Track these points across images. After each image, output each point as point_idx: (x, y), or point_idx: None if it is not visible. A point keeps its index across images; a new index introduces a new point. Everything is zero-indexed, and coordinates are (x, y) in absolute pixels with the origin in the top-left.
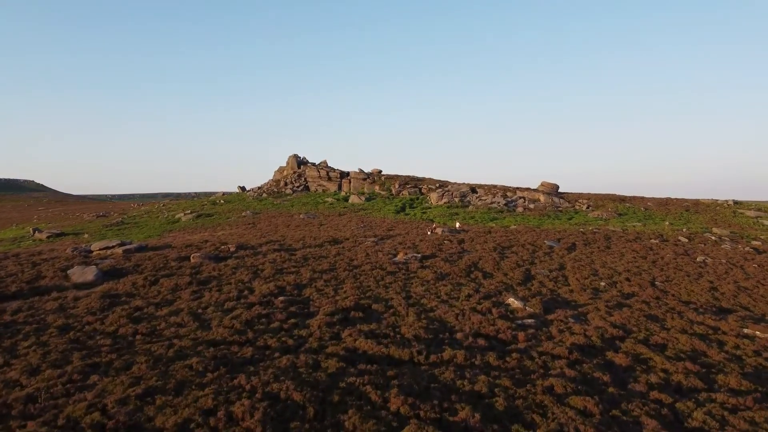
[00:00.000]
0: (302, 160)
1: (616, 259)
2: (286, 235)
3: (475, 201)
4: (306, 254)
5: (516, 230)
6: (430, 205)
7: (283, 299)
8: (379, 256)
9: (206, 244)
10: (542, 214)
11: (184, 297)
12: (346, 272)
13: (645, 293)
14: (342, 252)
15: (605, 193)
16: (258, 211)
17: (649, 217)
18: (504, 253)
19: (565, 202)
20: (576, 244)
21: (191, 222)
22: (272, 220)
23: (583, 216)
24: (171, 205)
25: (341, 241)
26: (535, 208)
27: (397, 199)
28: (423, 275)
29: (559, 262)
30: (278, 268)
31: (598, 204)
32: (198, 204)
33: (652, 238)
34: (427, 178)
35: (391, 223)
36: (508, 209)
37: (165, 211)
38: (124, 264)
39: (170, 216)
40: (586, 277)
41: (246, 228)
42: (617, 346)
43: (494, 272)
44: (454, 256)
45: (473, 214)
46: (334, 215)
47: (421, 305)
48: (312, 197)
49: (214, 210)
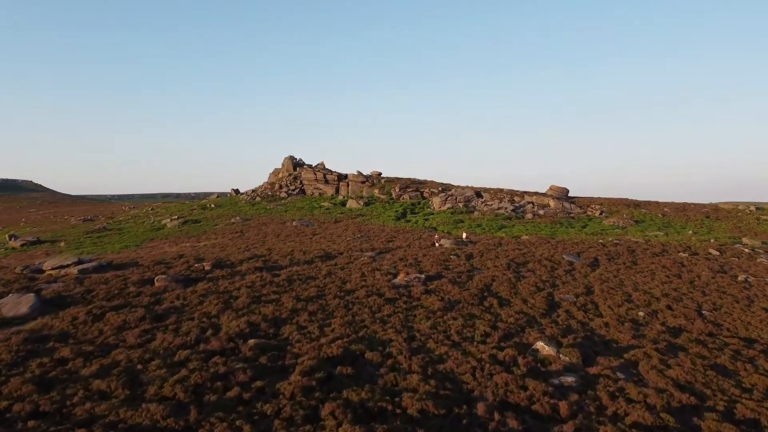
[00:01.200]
0: (298, 161)
1: (647, 279)
2: (273, 247)
3: (481, 206)
4: (292, 274)
5: (529, 242)
6: (432, 211)
7: (255, 343)
8: (377, 277)
9: (179, 260)
10: (554, 222)
11: (129, 340)
12: (337, 300)
13: (694, 327)
14: (334, 271)
15: (617, 198)
16: (249, 218)
17: (669, 224)
18: (519, 271)
19: (577, 208)
20: (599, 260)
21: (176, 229)
22: (262, 227)
23: (598, 223)
24: (160, 209)
25: (334, 256)
26: (545, 214)
27: (397, 203)
28: (428, 303)
29: (584, 284)
30: (256, 295)
31: (612, 210)
32: (187, 208)
33: (680, 250)
34: (428, 180)
35: (391, 232)
36: (516, 216)
37: (152, 216)
38: (74, 289)
39: (156, 222)
40: (620, 305)
41: (232, 237)
42: (695, 425)
43: (511, 298)
44: (463, 276)
45: (479, 222)
46: (329, 222)
47: (427, 351)
48: (307, 201)
49: (203, 215)
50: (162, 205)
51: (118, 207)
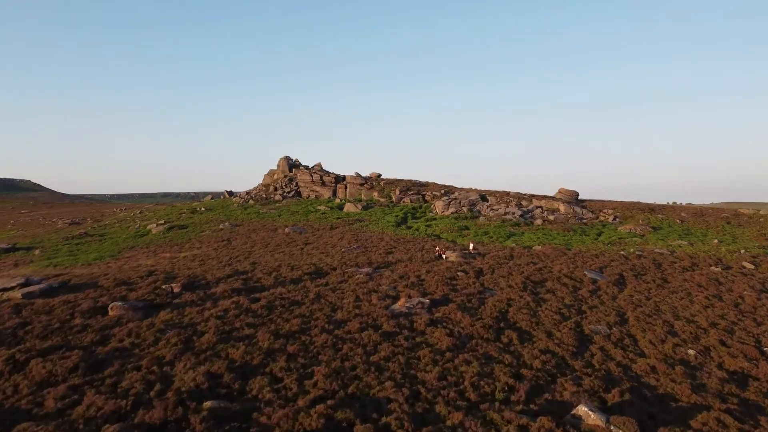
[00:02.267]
0: (294, 162)
1: (686, 302)
2: (259, 260)
3: (486, 211)
4: (274, 298)
5: (543, 254)
6: (435, 216)
7: (211, 408)
8: (373, 301)
9: (147, 279)
10: (565, 228)
11: (47, 405)
12: (324, 335)
13: (761, 372)
14: (324, 293)
15: (629, 201)
16: (239, 223)
17: (689, 232)
18: (538, 292)
19: (589, 213)
20: (624, 276)
21: (160, 236)
22: (251, 235)
23: (614, 230)
24: (149, 212)
25: (326, 272)
26: (555, 220)
27: (397, 207)
28: (434, 340)
29: (614, 309)
30: (226, 330)
31: (626, 215)
32: (176, 212)
33: (711, 263)
34: (430, 183)
35: (391, 242)
36: (525, 222)
37: (138, 221)
38: (7, 321)
39: (142, 227)
40: (663, 339)
41: (217, 246)
42: None
43: (533, 330)
44: (474, 300)
45: (486, 229)
46: (324, 229)
47: (436, 420)
48: (303, 205)
49: (191, 220)
50: (153, 207)
51: (110, 208)
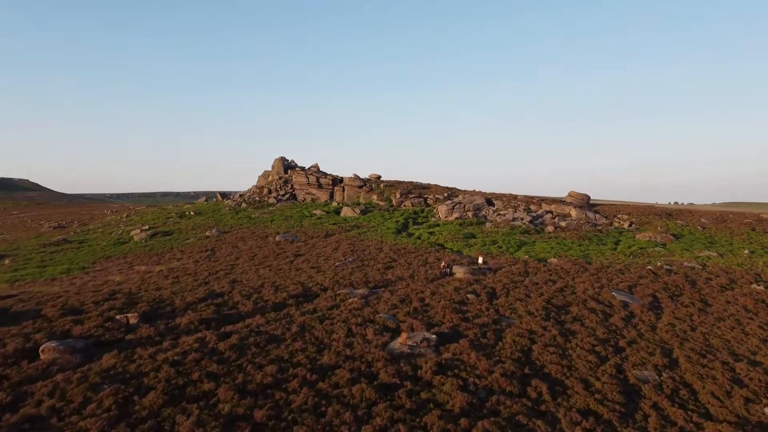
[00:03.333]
0: (290, 163)
1: (738, 333)
2: (240, 278)
3: (493, 216)
4: (249, 332)
5: (561, 268)
6: (438, 221)
7: None
8: (369, 337)
9: (103, 305)
10: (580, 236)
11: None
12: (305, 391)
13: None
14: (310, 325)
15: (644, 204)
16: (227, 229)
17: (714, 240)
18: (563, 321)
19: (602, 218)
20: (659, 298)
21: (141, 244)
22: (238, 244)
23: (632, 238)
24: (136, 216)
25: (315, 294)
26: (567, 226)
27: (398, 212)
28: (444, 397)
29: (658, 344)
30: (180, 384)
31: (642, 221)
32: (164, 216)
33: (750, 280)
34: (432, 185)
35: (390, 253)
36: (535, 229)
37: (123, 226)
38: None
39: (125, 232)
40: (728, 391)
41: (199, 258)
42: None
43: (566, 378)
44: (489, 333)
45: (494, 237)
46: (319, 236)
47: None
48: (298, 209)
49: (177, 226)
50: (143, 210)
51: (102, 210)
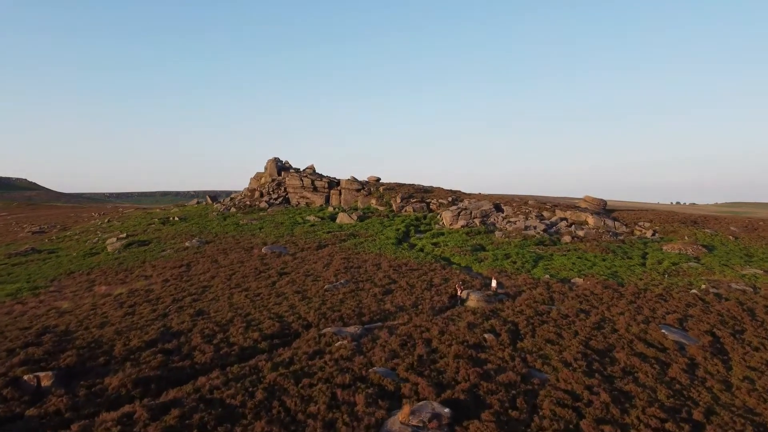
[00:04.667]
0: (284, 165)
1: None
2: (208, 307)
3: (503, 224)
4: (194, 407)
5: (591, 292)
6: (442, 228)
7: None
8: (358, 409)
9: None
10: (602, 248)
11: None
12: None
13: None
14: (281, 387)
15: (663, 210)
16: (210, 239)
17: (750, 253)
18: (611, 377)
19: (622, 226)
20: (719, 337)
21: (113, 255)
22: (218, 258)
23: (659, 250)
24: (116, 222)
25: (295, 334)
26: (585, 236)
27: (398, 218)
28: None
29: (747, 417)
30: None
31: (667, 229)
32: (145, 222)
33: None
34: (435, 188)
35: (390, 270)
36: (550, 239)
37: (100, 233)
38: None
39: (101, 240)
40: None
41: (169, 276)
42: None
43: None
44: (519, 401)
45: (506, 248)
46: (310, 248)
47: None
48: (290, 214)
49: (157, 234)
50: (128, 213)
51: (90, 212)
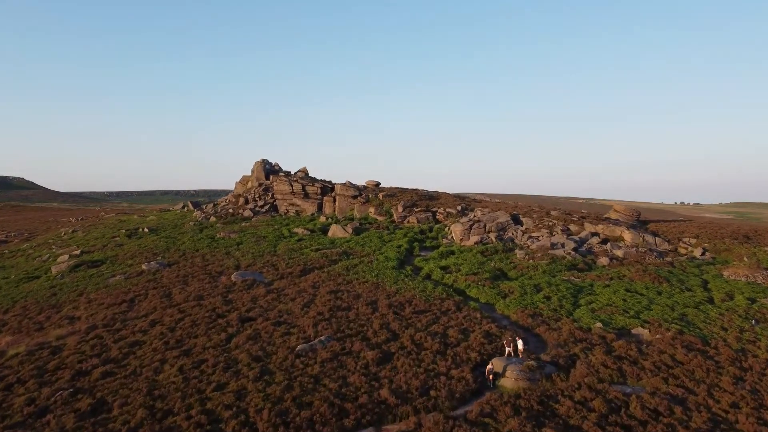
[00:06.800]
0: (272, 167)
1: None
2: (117, 391)
3: (523, 239)
4: None
5: (669, 354)
6: (451, 244)
7: None
8: None
9: None
10: (651, 275)
11: None
12: None
13: None
14: None
15: (705, 220)
16: (172, 261)
17: None
18: None
19: (664, 242)
20: None
21: (53, 282)
22: (173, 290)
23: (719, 277)
24: (78, 234)
25: None
26: (625, 256)
27: (400, 231)
28: None
29: None
30: None
31: (718, 247)
32: (110, 234)
33: None
34: (441, 193)
35: (389, 313)
36: (584, 261)
37: (55, 248)
38: None
39: (51, 257)
40: None
41: (101, 320)
42: None
43: None
44: None
45: (532, 274)
46: (293, 273)
47: None
48: (276, 225)
49: (115, 252)
50: (99, 222)
51: (68, 217)
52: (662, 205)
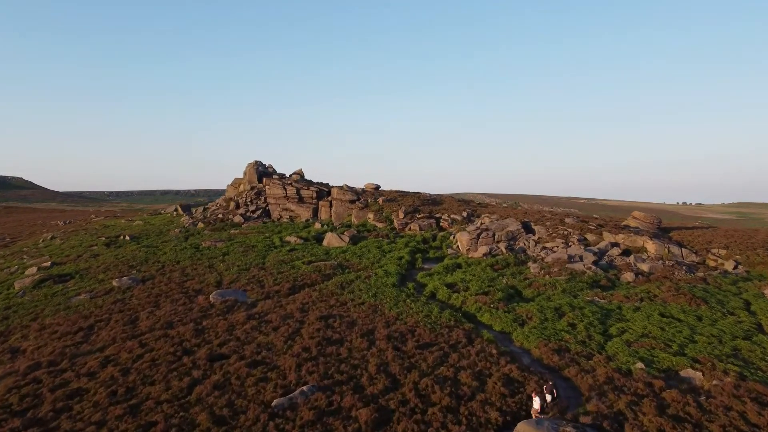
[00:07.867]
0: (266, 169)
1: None
2: None
3: (536, 251)
4: None
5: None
6: (457, 255)
7: None
8: None
9: None
10: (685, 295)
11: None
12: None
13: None
14: None
15: (731, 228)
16: (148, 276)
17: None
18: None
19: (691, 253)
20: None
21: (11, 301)
22: (141, 314)
23: (761, 296)
24: (57, 242)
25: None
26: (651, 271)
27: (401, 240)
28: None
29: None
30: None
31: (751, 259)
32: (87, 243)
33: None
34: (445, 196)
35: (389, 348)
36: (606, 276)
37: (26, 257)
38: None
39: (20, 268)
40: None
41: (46, 356)
42: None
43: None
44: None
45: (551, 294)
46: (280, 291)
47: None
48: (268, 233)
49: (88, 264)
50: (85, 227)
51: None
52: (664, 205)
